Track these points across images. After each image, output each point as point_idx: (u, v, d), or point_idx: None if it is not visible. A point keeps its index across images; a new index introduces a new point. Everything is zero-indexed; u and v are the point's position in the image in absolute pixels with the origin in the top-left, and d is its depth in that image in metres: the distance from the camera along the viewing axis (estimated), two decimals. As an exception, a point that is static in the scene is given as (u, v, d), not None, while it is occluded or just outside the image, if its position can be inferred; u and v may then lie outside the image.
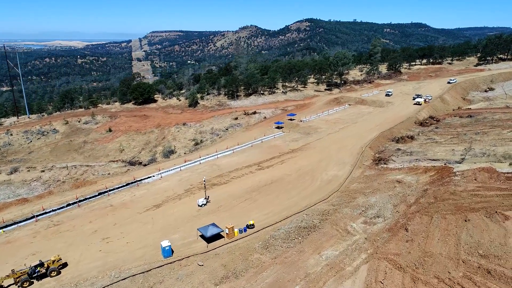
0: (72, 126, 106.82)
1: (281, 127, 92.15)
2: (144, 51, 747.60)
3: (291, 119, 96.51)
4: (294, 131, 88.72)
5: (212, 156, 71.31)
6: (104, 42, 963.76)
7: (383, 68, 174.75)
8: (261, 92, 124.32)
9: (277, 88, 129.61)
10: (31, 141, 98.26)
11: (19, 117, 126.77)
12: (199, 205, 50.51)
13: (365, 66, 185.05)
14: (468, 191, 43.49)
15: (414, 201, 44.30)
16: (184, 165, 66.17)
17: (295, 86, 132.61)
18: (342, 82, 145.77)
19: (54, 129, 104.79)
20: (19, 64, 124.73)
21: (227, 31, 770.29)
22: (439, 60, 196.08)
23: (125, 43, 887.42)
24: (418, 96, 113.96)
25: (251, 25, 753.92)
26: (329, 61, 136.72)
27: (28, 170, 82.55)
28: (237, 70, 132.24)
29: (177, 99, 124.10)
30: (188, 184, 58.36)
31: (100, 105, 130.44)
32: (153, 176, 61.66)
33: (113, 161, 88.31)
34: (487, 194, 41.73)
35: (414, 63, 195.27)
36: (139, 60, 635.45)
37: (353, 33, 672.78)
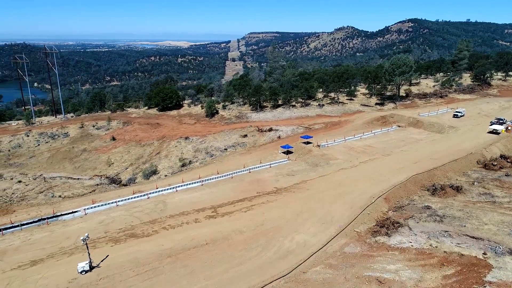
0: (84, 130, 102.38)
1: (290, 152, 73.26)
2: (240, 51, 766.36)
3: (306, 143, 76.66)
4: (302, 160, 69.11)
5: (170, 188, 56.64)
6: (206, 43, 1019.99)
7: (467, 79, 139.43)
8: (292, 104, 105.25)
9: (315, 100, 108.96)
10: (39, 145, 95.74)
11: (57, 116, 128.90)
12: (78, 272, 36.39)
13: (445, 75, 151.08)
14: None
15: None
16: (124, 199, 52.75)
17: (336, 98, 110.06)
18: (405, 94, 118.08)
19: (66, 133, 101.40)
20: (55, 63, 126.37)
21: (322, 32, 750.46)
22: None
23: (224, 44, 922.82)
24: (499, 120, 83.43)
25: (347, 26, 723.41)
26: (383, 68, 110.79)
27: (11, 179, 78.13)
28: (271, 77, 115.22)
29: (201, 107, 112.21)
30: (103, 231, 44.63)
31: (128, 108, 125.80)
32: (78, 211, 49.47)
33: (98, 175, 79.78)
34: None
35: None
36: (233, 60, 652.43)
37: (465, 34, 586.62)
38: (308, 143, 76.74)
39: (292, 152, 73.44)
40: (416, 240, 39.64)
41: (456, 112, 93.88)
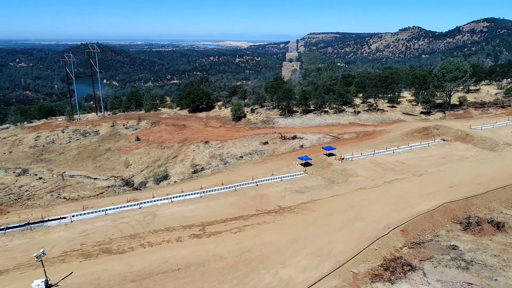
0: (114, 129, 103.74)
1: (309, 164, 66.39)
2: (298, 52, 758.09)
3: (329, 154, 69.13)
4: (319, 174, 61.98)
5: (165, 198, 53.05)
6: (265, 43, 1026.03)
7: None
8: (325, 110, 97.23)
9: (351, 106, 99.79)
10: (70, 142, 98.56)
11: (97, 114, 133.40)
12: (33, 290, 33.77)
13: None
14: None
15: None
16: (115, 208, 50.08)
17: (375, 104, 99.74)
18: (458, 103, 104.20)
19: (97, 131, 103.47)
20: (97, 62, 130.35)
21: (386, 33, 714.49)
22: None
23: (283, 44, 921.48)
24: None
25: (413, 26, 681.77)
26: (432, 73, 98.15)
27: (36, 174, 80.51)
28: (305, 80, 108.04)
29: (231, 109, 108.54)
30: (79, 243, 42.00)
31: (162, 108, 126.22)
32: (65, 217, 47.66)
33: (114, 176, 79.21)
34: None
35: None
36: (290, 61, 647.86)
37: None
38: (331, 154, 69.21)
39: (311, 164, 66.53)
40: (425, 294, 31.51)
41: (517, 126, 79.86)
